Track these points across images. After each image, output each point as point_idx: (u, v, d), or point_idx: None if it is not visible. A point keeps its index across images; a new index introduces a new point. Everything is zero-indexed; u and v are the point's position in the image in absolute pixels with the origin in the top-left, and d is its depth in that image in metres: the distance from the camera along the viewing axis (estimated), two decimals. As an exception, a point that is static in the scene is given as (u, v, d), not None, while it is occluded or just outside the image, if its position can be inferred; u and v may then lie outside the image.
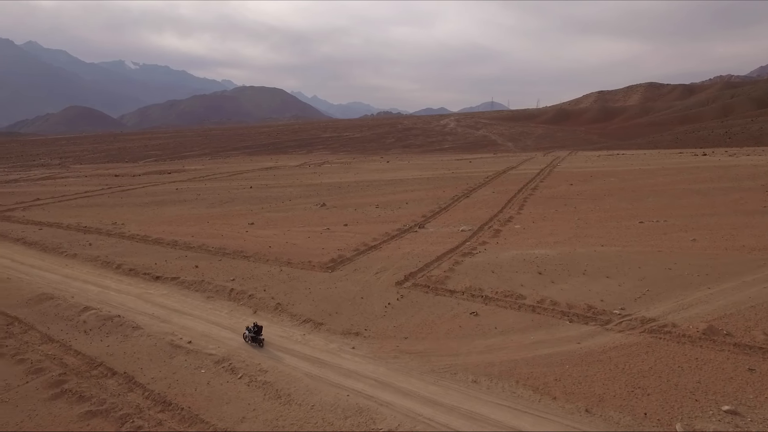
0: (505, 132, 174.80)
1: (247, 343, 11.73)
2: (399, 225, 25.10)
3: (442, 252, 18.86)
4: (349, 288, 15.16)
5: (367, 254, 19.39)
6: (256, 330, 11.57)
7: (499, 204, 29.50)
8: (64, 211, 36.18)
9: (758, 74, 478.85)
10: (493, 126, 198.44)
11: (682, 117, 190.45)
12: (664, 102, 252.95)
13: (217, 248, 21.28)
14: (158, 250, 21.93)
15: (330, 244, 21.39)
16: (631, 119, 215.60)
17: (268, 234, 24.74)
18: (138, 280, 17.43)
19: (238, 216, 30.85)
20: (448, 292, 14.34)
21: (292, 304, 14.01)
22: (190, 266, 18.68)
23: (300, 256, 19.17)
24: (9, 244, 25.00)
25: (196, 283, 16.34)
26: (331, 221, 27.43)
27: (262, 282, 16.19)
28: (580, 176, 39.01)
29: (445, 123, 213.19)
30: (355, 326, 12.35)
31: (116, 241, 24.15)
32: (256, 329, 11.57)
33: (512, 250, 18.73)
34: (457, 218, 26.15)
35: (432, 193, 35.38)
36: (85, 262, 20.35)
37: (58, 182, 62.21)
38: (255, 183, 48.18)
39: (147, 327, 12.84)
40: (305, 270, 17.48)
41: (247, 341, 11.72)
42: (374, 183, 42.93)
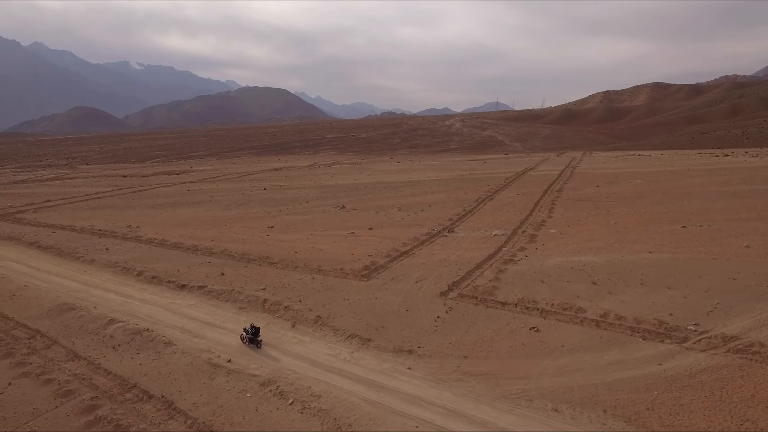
0: (512, 132, 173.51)
1: (244, 344, 11.64)
2: (426, 229, 24.11)
3: (481, 259, 17.85)
4: (391, 299, 14.17)
5: (401, 261, 18.40)
6: (254, 331, 11.54)
7: (526, 207, 28.46)
8: (75, 213, 35.37)
9: (765, 74, 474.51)
10: (499, 126, 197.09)
11: (690, 117, 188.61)
12: (671, 102, 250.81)
13: (241, 254, 20.34)
14: (179, 255, 21.01)
15: (359, 250, 20.42)
16: (638, 119, 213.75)
17: (291, 238, 23.80)
18: (162, 289, 16.49)
19: (255, 219, 29.93)
20: (499, 304, 13.33)
21: (333, 316, 13.03)
22: (215, 273, 17.74)
23: (330, 263, 18.20)
24: (23, 248, 24.15)
25: (225, 292, 15.39)
26: (354, 225, 26.46)
27: (296, 291, 15.22)
28: (604, 177, 37.91)
29: (451, 123, 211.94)
30: (407, 343, 11.36)
31: (133, 246, 23.25)
32: (254, 330, 11.55)
33: (555, 257, 17.71)
34: (487, 222, 25.13)
35: (453, 195, 34.36)
36: (103, 269, 19.45)
37: (67, 183, 61.52)
38: (268, 184, 47.28)
39: (180, 342, 11.90)
40: (339, 278, 16.51)
41: (245, 342, 11.63)
42: (391, 184, 41.94)
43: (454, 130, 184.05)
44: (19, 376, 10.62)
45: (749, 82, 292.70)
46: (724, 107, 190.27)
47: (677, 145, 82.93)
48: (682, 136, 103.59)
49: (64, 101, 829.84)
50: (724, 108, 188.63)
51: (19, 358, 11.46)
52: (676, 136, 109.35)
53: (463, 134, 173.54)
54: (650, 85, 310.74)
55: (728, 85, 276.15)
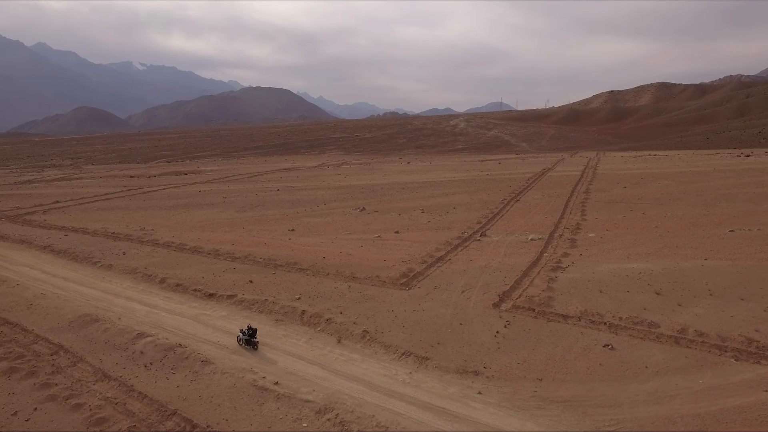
0: (517, 132, 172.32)
1: (240, 346, 11.55)
2: (456, 232, 23.05)
3: (525, 266, 16.77)
4: (440, 311, 13.10)
5: (439, 267, 17.33)
6: (251, 333, 11.47)
7: (556, 209, 27.36)
8: (86, 214, 34.42)
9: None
10: (503, 126, 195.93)
11: (697, 117, 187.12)
12: (676, 102, 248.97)
13: (267, 259, 19.31)
14: (200, 260, 19.99)
15: (390, 255, 19.36)
16: (644, 119, 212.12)
17: (315, 242, 22.76)
18: (189, 298, 15.46)
19: (273, 221, 28.91)
20: (560, 318, 12.25)
21: (381, 331, 11.97)
22: (243, 281, 16.70)
23: (363, 270, 17.15)
24: (36, 252, 23.17)
25: (258, 302, 14.34)
26: (378, 228, 25.41)
27: (334, 302, 14.16)
28: (629, 178, 36.77)
29: (455, 123, 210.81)
30: (470, 362, 10.29)
31: (151, 250, 22.24)
32: (251, 332, 11.48)
33: (605, 264, 16.62)
34: (518, 225, 24.04)
35: (476, 196, 33.28)
36: (123, 275, 18.43)
37: (74, 183, 60.67)
38: (280, 185, 46.27)
39: (218, 361, 10.85)
40: (377, 287, 15.45)
41: (241, 344, 11.57)
42: (408, 185, 40.87)
43: (458, 130, 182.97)
44: (46, 400, 9.60)
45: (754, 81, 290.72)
46: (731, 107, 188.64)
47: (692, 145, 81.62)
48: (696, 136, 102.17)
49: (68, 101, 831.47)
50: (731, 108, 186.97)
51: (43, 378, 10.43)
52: (690, 136, 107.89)
53: (468, 134, 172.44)
54: (655, 85, 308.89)
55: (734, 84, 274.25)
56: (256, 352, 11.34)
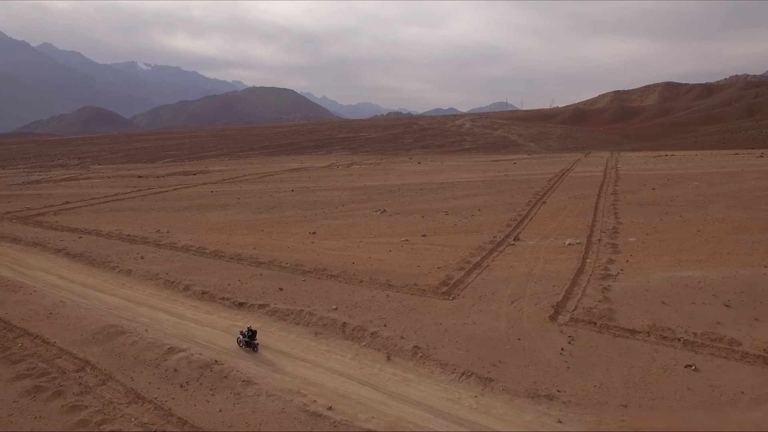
0: (524, 132, 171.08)
1: (241, 347, 11.49)
2: (487, 236, 22.07)
3: (571, 273, 15.78)
4: (492, 324, 12.14)
5: (478, 274, 16.36)
6: (251, 335, 11.40)
7: (586, 211, 26.34)
8: (98, 216, 33.63)
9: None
10: (510, 126, 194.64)
11: (705, 117, 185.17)
12: (683, 102, 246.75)
13: (293, 264, 18.39)
14: (223, 265, 19.09)
15: (423, 261, 18.41)
16: (651, 119, 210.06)
17: (340, 246, 21.83)
18: (217, 307, 14.54)
19: (292, 223, 28.00)
20: (627, 333, 11.27)
21: (434, 347, 11.02)
22: (272, 288, 15.79)
23: (398, 277, 16.20)
24: (50, 255, 22.33)
25: (292, 313, 13.41)
26: (403, 231, 24.46)
27: (375, 313, 13.22)
28: (655, 180, 35.67)
29: (461, 123, 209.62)
30: (540, 384, 9.32)
31: (170, 254, 21.36)
32: (251, 334, 11.42)
33: (657, 271, 15.61)
34: (551, 228, 23.04)
35: (499, 198, 32.28)
36: (144, 281, 17.55)
37: (83, 184, 60.01)
38: (293, 186, 45.38)
39: (260, 380, 9.92)
40: (417, 296, 14.50)
41: (241, 346, 11.50)
42: (425, 186, 39.89)
43: (464, 130, 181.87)
44: (76, 426, 8.69)
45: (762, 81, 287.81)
46: (740, 107, 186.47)
47: (708, 145, 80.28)
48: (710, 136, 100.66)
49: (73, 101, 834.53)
50: (740, 108, 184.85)
51: (71, 399, 9.53)
52: (704, 136, 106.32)
53: (474, 134, 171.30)
54: (661, 85, 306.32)
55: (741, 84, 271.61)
56: (299, 370, 10.41)
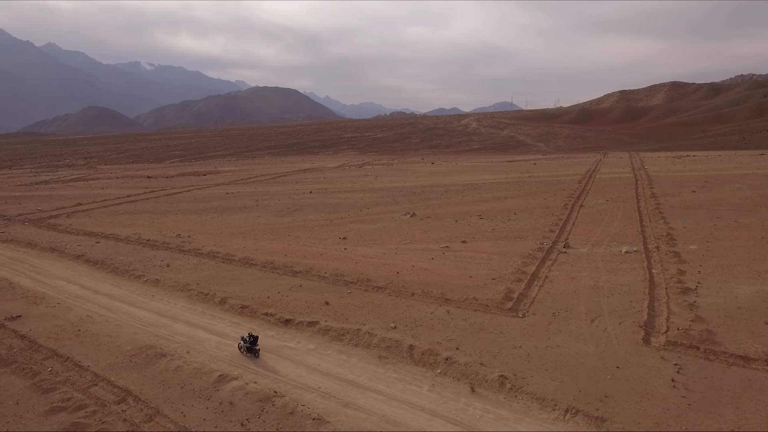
0: (531, 132, 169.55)
1: (242, 353, 11.30)
2: (532, 242, 20.73)
3: (643, 286, 14.43)
4: (579, 348, 10.80)
5: (540, 287, 15.01)
6: (252, 340, 11.20)
7: (630, 216, 24.96)
8: (113, 218, 32.44)
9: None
10: (516, 126, 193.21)
11: (714, 117, 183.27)
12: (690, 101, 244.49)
13: (333, 274, 17.09)
14: (256, 275, 17.80)
15: (474, 271, 17.08)
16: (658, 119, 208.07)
17: (376, 253, 20.51)
18: (261, 324, 13.23)
19: (318, 228, 26.71)
20: (741, 361, 9.91)
21: (521, 376, 9.69)
22: (317, 302, 14.48)
23: (453, 289, 14.88)
24: (69, 262, 21.10)
25: (348, 332, 12.09)
26: (440, 236, 23.13)
27: (441, 332, 11.89)
28: (691, 182, 34.22)
29: (467, 123, 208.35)
30: (665, 427, 7.97)
31: (197, 262, 20.09)
32: (252, 339, 11.21)
33: (740, 285, 14.22)
34: (599, 234, 21.67)
35: (532, 200, 30.90)
36: (174, 292, 16.27)
37: (92, 184, 58.91)
38: (310, 187, 44.09)
39: (334, 418, 8.61)
40: (481, 312, 13.16)
41: (243, 352, 11.31)
42: (450, 188, 38.51)
43: (471, 130, 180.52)
44: (128, 477, 7.39)
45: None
46: (750, 106, 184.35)
47: (728, 146, 78.59)
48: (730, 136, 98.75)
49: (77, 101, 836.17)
50: (749, 107, 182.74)
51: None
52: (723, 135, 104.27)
53: (481, 134, 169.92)
54: (668, 85, 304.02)
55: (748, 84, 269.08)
56: (372, 404, 9.10)
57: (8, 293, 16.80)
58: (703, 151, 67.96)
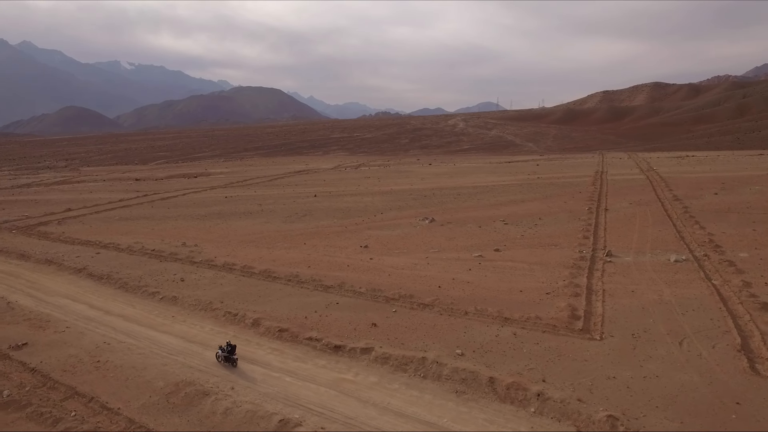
0: (519, 132, 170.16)
1: (219, 362, 11.17)
2: (569, 251, 19.64)
3: (713, 300, 13.42)
4: (682, 378, 9.62)
5: (602, 302, 13.84)
6: (230, 349, 11.09)
7: (661, 220, 24.09)
8: (108, 225, 30.46)
9: (755, 74, 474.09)
10: (503, 126, 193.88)
11: (696, 117, 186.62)
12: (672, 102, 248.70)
13: (370, 289, 15.70)
14: (284, 290, 16.31)
15: (520, 283, 15.87)
16: (641, 119, 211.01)
17: (406, 263, 19.16)
18: (307, 352, 11.77)
19: (333, 234, 25.25)
20: None
21: (632, 416, 8.46)
22: (362, 323, 13.08)
23: (508, 306, 13.63)
24: (70, 276, 19.28)
25: (411, 361, 10.73)
26: (467, 244, 21.89)
27: (516, 360, 10.61)
28: (708, 183, 33.64)
29: (454, 123, 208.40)
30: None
31: (213, 275, 18.48)
32: (230, 348, 11.11)
33: (818, 299, 13.27)
34: (636, 240, 20.68)
35: (551, 204, 29.90)
36: (198, 312, 14.68)
37: (79, 188, 56.28)
38: (313, 190, 42.47)
39: (433, 477, 7.24)
40: (550, 334, 11.93)
41: (220, 361, 11.19)
42: (461, 191, 37.33)
43: (459, 130, 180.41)
44: None
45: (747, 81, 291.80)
46: (730, 107, 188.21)
47: (724, 146, 79.23)
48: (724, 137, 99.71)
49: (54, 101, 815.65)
50: (730, 108, 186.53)
51: None
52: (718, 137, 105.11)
53: (470, 134, 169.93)
54: (650, 85, 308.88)
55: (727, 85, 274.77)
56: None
57: (7, 315, 15.01)
58: (700, 152, 68.22)
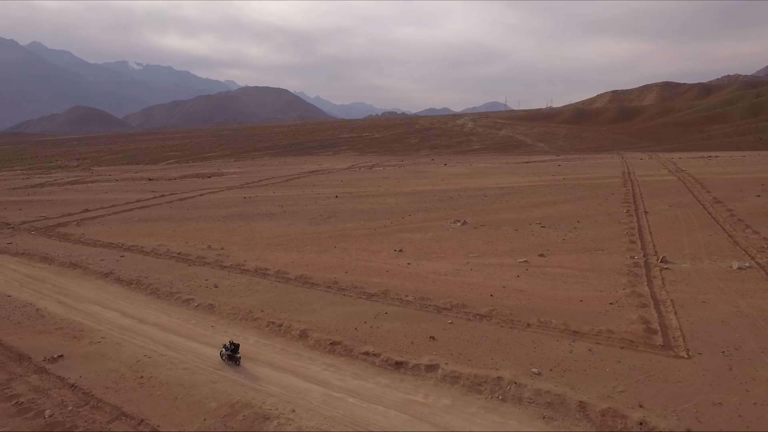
0: (529, 132, 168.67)
1: (223, 361, 11.28)
2: (619, 256, 18.64)
3: (800, 313, 12.36)
4: (797, 404, 8.63)
5: (675, 314, 12.83)
6: (233, 348, 11.21)
7: (708, 224, 23.00)
8: (128, 227, 29.79)
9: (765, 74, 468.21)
10: (513, 126, 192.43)
11: (709, 117, 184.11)
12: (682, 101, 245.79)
13: (418, 298, 14.79)
14: (326, 298, 15.43)
15: (578, 292, 14.89)
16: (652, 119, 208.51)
17: (447, 269, 18.23)
18: (365, 368, 10.87)
19: (363, 237, 24.37)
20: None
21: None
22: (419, 336, 12.17)
23: (572, 318, 12.68)
24: (97, 281, 18.53)
25: (486, 381, 9.80)
26: (508, 248, 20.93)
27: (603, 381, 9.65)
28: (747, 185, 32.38)
29: (463, 123, 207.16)
30: None
31: (247, 281, 17.66)
32: (233, 347, 11.22)
33: None
34: (687, 245, 19.63)
35: (585, 206, 28.84)
36: (239, 323, 13.83)
37: (93, 188, 55.86)
38: (333, 191, 41.65)
39: None
40: (629, 350, 10.96)
41: (224, 359, 11.29)
42: (487, 192, 36.31)
43: (468, 130, 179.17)
44: None
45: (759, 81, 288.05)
46: (744, 106, 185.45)
47: (746, 146, 77.59)
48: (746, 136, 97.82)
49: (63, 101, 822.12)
50: (743, 107, 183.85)
51: None
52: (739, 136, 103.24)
53: (479, 134, 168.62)
54: (659, 85, 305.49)
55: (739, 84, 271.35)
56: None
57: (38, 323, 14.26)
58: (722, 152, 66.73)
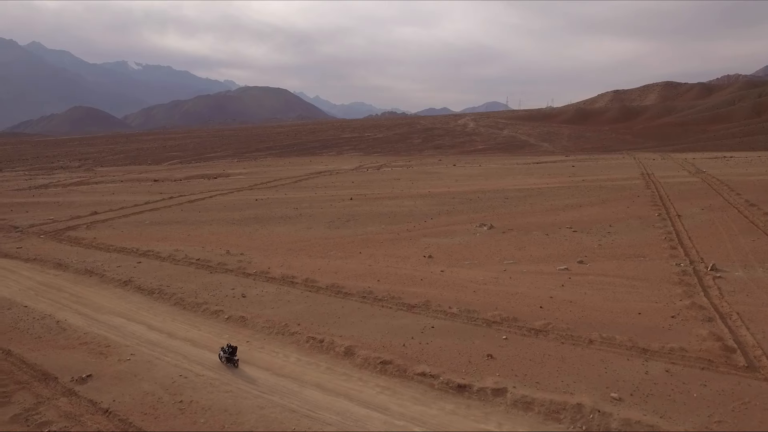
0: (532, 132, 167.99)
1: (222, 363, 11.28)
2: (663, 263, 17.79)
3: None
4: None
5: (746, 329, 11.97)
6: (231, 351, 11.17)
7: (748, 229, 22.14)
8: (140, 230, 28.92)
9: (765, 73, 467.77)
10: (515, 126, 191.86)
11: (712, 116, 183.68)
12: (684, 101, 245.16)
13: (463, 310, 13.91)
14: (363, 310, 14.55)
15: (630, 303, 14.03)
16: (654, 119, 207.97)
17: (485, 278, 17.35)
18: (425, 393, 9.99)
19: (387, 242, 23.50)
20: None
21: None
22: (475, 354, 11.30)
23: (636, 333, 11.82)
24: (117, 290, 17.63)
25: (563, 408, 8.93)
26: (544, 254, 20.07)
27: (696, 411, 8.78)
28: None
29: (464, 123, 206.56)
30: None
31: (276, 290, 16.77)
32: (231, 350, 11.18)
33: None
34: (732, 252, 18.78)
35: (614, 209, 27.98)
36: (276, 338, 12.94)
37: (98, 189, 54.96)
38: (346, 192, 40.75)
39: None
40: (710, 371, 10.10)
41: (222, 361, 11.28)
42: (506, 194, 35.41)
43: (470, 130, 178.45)
44: None
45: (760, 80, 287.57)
46: (747, 106, 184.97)
47: (759, 146, 76.83)
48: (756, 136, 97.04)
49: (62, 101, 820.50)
50: (746, 107, 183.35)
51: None
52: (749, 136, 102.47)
53: (482, 134, 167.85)
54: (660, 84, 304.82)
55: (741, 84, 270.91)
56: None
57: (60, 338, 13.36)
58: (738, 152, 65.94)
